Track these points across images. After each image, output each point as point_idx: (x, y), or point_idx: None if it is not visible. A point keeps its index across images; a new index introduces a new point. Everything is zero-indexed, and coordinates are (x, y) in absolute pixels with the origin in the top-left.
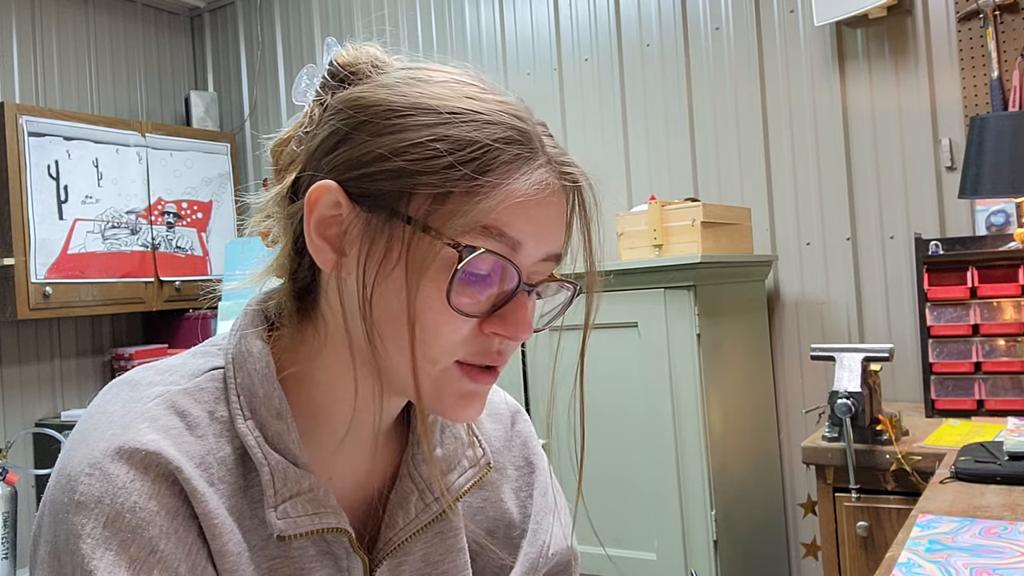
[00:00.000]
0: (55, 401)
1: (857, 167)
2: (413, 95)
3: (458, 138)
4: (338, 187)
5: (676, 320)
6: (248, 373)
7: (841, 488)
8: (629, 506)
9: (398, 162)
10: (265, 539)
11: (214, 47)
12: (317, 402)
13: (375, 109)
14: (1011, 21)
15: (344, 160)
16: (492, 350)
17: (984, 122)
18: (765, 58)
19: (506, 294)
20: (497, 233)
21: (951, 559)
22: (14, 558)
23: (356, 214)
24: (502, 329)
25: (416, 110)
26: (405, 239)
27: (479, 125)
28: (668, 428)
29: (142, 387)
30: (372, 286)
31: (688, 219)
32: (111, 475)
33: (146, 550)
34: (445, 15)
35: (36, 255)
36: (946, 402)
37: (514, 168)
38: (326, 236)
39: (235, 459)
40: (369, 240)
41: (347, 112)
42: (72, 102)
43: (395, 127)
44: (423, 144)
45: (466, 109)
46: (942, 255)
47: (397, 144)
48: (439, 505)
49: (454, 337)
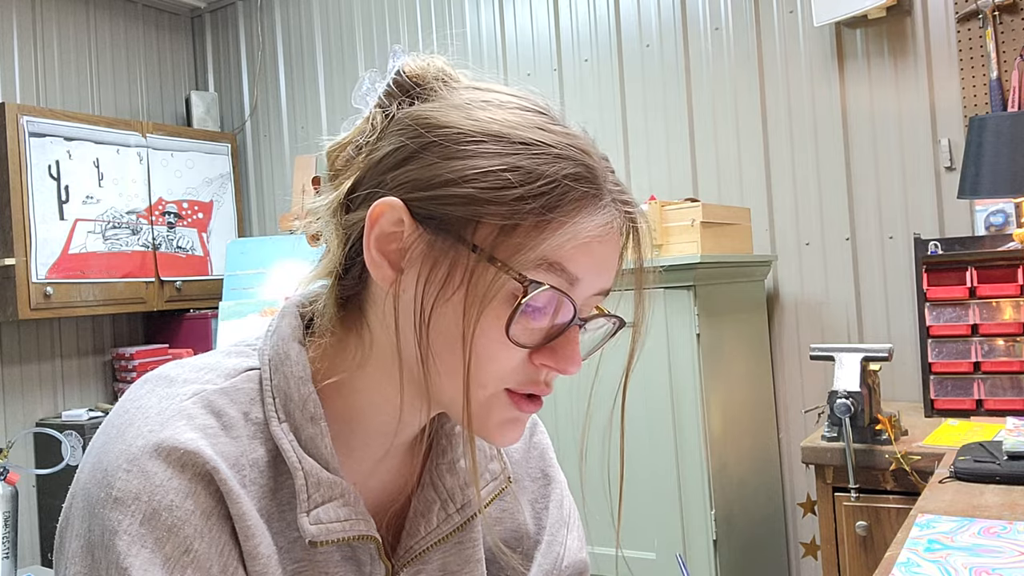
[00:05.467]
0: (56, 401)
1: (856, 167)
2: (485, 120)
3: (529, 170)
4: (403, 205)
5: (676, 320)
6: (284, 376)
7: (840, 488)
8: (629, 506)
9: (468, 189)
10: (292, 542)
11: (215, 47)
12: (354, 409)
13: (446, 132)
14: (1010, 21)
15: (410, 179)
16: (540, 380)
17: (983, 122)
18: (765, 58)
19: (559, 327)
20: (560, 269)
21: (950, 559)
22: (15, 558)
23: (419, 234)
24: (553, 362)
25: (488, 137)
26: (469, 267)
27: (550, 159)
28: (668, 428)
29: (178, 384)
30: (431, 309)
31: (688, 219)
32: (149, 472)
33: (180, 549)
34: (445, 15)
35: (37, 255)
36: (945, 402)
37: (582, 206)
38: (385, 252)
39: (267, 461)
40: (431, 263)
41: (417, 130)
42: (73, 102)
43: (466, 153)
44: (494, 173)
45: (537, 141)
46: (941, 255)
47: (467, 170)
48: (461, 516)
49: (507, 366)
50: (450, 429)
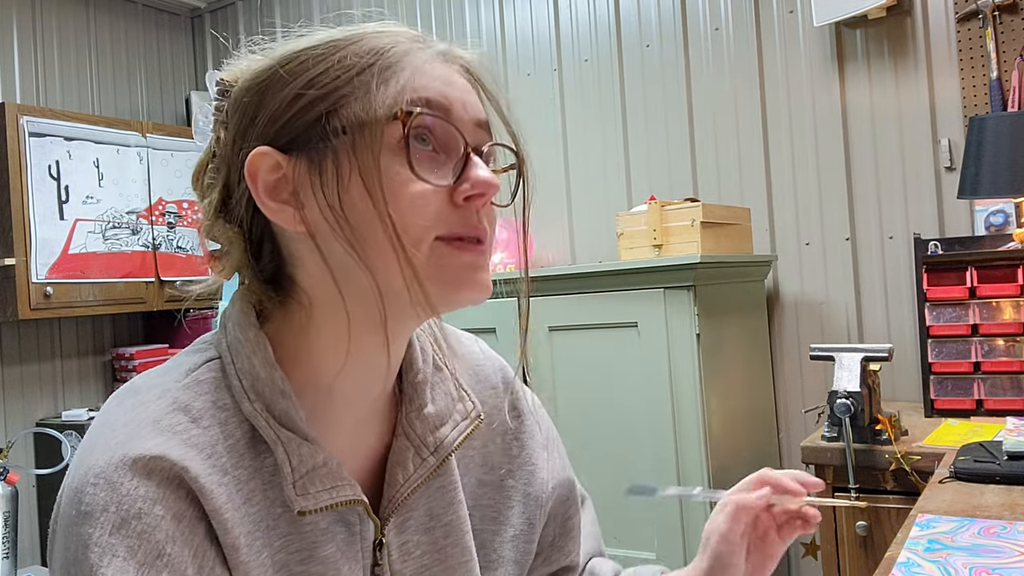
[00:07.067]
0: (56, 401)
1: (856, 167)
2: (300, 46)
3: (357, 52)
4: (269, 148)
5: (676, 320)
6: (247, 357)
7: (841, 488)
8: (629, 506)
9: (312, 92)
10: (276, 518)
11: (215, 47)
12: (319, 376)
13: (269, 71)
14: (1010, 21)
15: (263, 125)
16: (473, 221)
17: (983, 122)
18: (765, 59)
19: (460, 158)
20: (423, 102)
21: (950, 559)
22: (15, 558)
23: (295, 162)
24: (470, 188)
25: (306, 51)
26: (347, 146)
27: (369, 40)
28: (668, 428)
29: (143, 392)
30: (339, 203)
31: (688, 219)
32: (115, 483)
33: (153, 554)
34: (445, 15)
35: (37, 255)
36: (945, 402)
37: (413, 51)
38: (279, 199)
39: (245, 443)
40: (317, 171)
41: (251, 87)
42: (73, 102)
43: (296, 71)
44: (328, 68)
45: (353, 35)
46: (941, 255)
47: (305, 80)
48: (436, 458)
49: (428, 211)
50: (413, 378)
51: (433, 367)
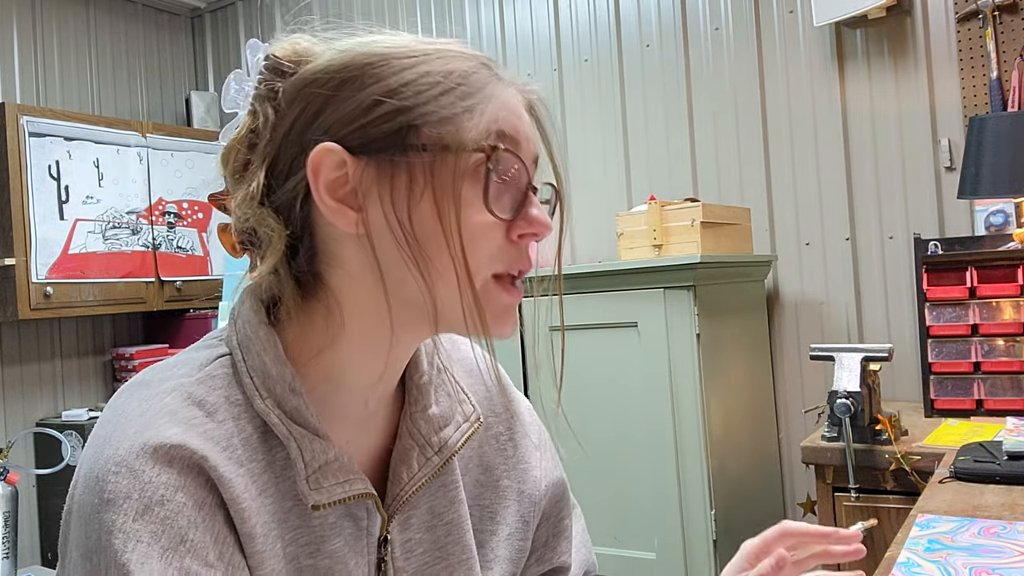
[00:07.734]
0: (56, 401)
1: (856, 167)
2: (380, 49)
3: (440, 71)
4: (338, 146)
5: (676, 320)
6: (257, 354)
7: (840, 488)
8: (629, 506)
9: (394, 102)
10: (287, 511)
11: (215, 47)
12: (334, 376)
13: (349, 67)
14: (1010, 21)
15: (333, 122)
16: (523, 258)
17: (983, 122)
18: (764, 59)
19: (522, 192)
20: (502, 135)
21: (950, 559)
22: (15, 557)
23: (363, 165)
24: (527, 226)
25: (390, 58)
26: (425, 166)
27: (450, 58)
28: (668, 428)
29: (154, 385)
30: (408, 218)
31: (688, 219)
32: (137, 471)
33: (176, 540)
34: (445, 15)
35: (37, 255)
36: (945, 402)
37: (492, 85)
38: (339, 197)
39: (258, 437)
40: (388, 182)
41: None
42: (73, 102)
43: (377, 75)
44: (412, 81)
45: (431, 50)
46: (941, 255)
47: (387, 87)
48: (440, 457)
49: (492, 245)
50: (418, 379)
51: (435, 369)
